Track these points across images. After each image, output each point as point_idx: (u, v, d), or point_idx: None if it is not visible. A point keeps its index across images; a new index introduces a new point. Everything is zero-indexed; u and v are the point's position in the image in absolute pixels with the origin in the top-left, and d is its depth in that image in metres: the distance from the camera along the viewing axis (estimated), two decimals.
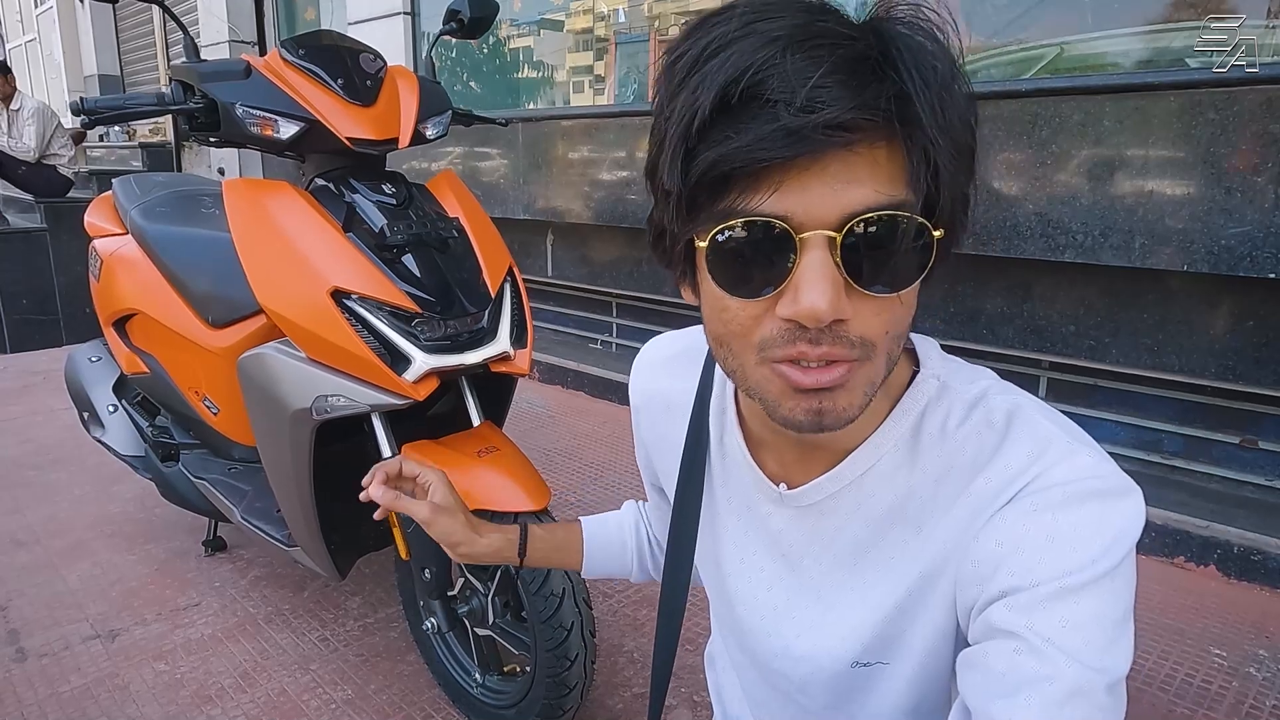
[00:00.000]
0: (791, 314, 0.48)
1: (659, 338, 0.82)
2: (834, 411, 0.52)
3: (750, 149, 0.46)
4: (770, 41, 0.46)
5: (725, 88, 0.46)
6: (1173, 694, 1.61)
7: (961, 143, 0.49)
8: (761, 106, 0.45)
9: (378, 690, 1.65)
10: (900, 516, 0.61)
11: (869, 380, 0.52)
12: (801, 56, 0.45)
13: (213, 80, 1.37)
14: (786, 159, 0.46)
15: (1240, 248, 1.90)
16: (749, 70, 0.45)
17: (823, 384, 0.50)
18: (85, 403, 2.22)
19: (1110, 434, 2.40)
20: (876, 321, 0.50)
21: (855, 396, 0.52)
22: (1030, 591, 0.51)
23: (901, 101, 0.46)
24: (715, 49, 0.47)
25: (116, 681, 1.68)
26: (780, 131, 0.45)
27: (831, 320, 0.48)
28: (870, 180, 0.47)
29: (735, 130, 0.46)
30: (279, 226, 1.36)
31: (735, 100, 0.46)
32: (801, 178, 0.47)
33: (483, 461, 1.37)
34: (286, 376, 1.39)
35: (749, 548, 0.71)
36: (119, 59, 8.65)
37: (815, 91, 0.44)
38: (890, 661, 0.65)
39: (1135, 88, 2.02)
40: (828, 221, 0.47)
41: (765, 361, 0.52)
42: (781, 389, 0.52)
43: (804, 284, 0.48)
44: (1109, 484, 0.54)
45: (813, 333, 0.49)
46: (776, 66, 0.45)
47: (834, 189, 0.47)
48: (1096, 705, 0.50)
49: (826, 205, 0.47)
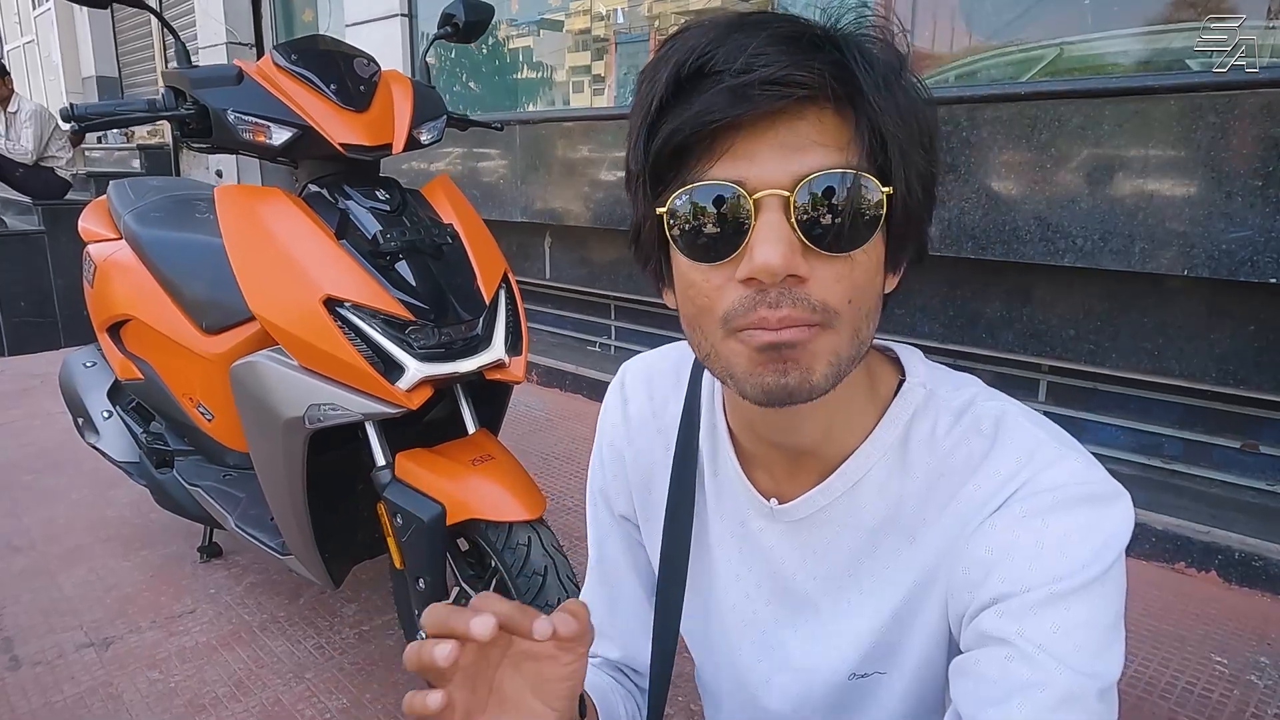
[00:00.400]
0: (748, 272, 0.50)
1: (636, 360, 0.80)
2: (801, 383, 0.52)
3: (698, 115, 0.49)
4: (716, 27, 0.50)
5: (675, 69, 0.50)
6: (1173, 702, 1.60)
7: (911, 121, 0.51)
8: (709, 77, 0.49)
9: (373, 699, 1.64)
10: (893, 526, 0.62)
11: (833, 350, 0.52)
12: (744, 34, 0.49)
13: (204, 86, 1.36)
14: (733, 117, 0.48)
15: (1241, 252, 1.89)
16: (696, 49, 0.49)
17: (784, 339, 0.50)
18: (80, 408, 2.21)
19: (1110, 438, 2.39)
20: (837, 287, 0.51)
21: (819, 362, 0.52)
22: (1021, 598, 0.52)
23: (841, 68, 0.49)
24: (671, 50, 0.51)
25: (110, 691, 1.67)
26: (724, 92, 0.48)
27: (786, 276, 0.49)
28: (819, 143, 0.50)
29: (689, 103, 0.50)
30: (271, 234, 1.35)
31: (685, 77, 0.50)
32: (753, 143, 0.49)
33: (477, 470, 1.37)
34: (279, 385, 1.38)
35: (742, 565, 0.70)
36: (117, 61, 8.64)
37: (754, 57, 0.47)
38: (887, 671, 0.64)
39: (1135, 91, 2.01)
40: (780, 183, 0.49)
41: (731, 333, 0.52)
42: (748, 357, 0.52)
43: (757, 242, 0.49)
44: (1098, 489, 0.54)
45: (772, 295, 0.50)
46: (722, 43, 0.49)
47: (784, 154, 0.49)
48: (1089, 711, 0.50)
49: (779, 168, 0.49)
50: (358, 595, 2.01)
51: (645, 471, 0.76)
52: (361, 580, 2.06)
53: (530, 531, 1.33)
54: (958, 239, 2.33)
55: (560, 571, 1.32)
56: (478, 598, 0.49)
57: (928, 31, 2.65)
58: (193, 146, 1.45)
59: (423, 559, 1.37)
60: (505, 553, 1.32)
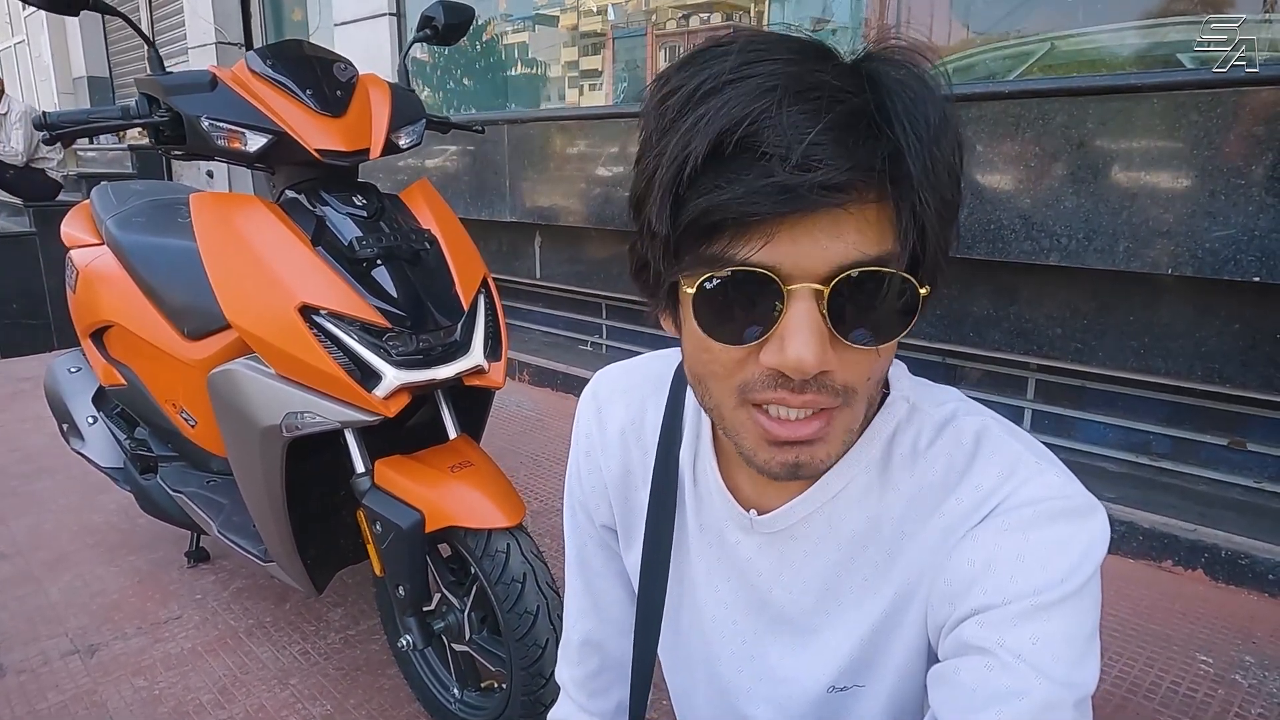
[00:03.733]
0: (777, 364, 0.49)
1: (609, 369, 0.79)
2: (811, 464, 0.53)
3: (742, 202, 0.45)
4: (766, 91, 0.45)
5: (719, 136, 0.45)
6: (1158, 702, 1.60)
7: (948, 198, 0.49)
8: (755, 159, 0.45)
9: (357, 705, 1.64)
10: (872, 538, 0.62)
11: (847, 428, 0.53)
12: (797, 110, 0.44)
13: (178, 93, 1.35)
14: (779, 215, 0.46)
15: (1225, 251, 1.89)
16: (744, 121, 0.44)
17: (801, 437, 0.51)
18: (65, 414, 2.20)
19: (1099, 435, 2.39)
20: (858, 370, 0.51)
21: (833, 446, 0.53)
22: (1002, 609, 0.52)
23: (893, 160, 0.46)
24: (708, 91, 0.46)
25: (94, 698, 1.66)
26: (774, 188, 0.44)
27: (816, 372, 0.49)
28: (858, 236, 0.47)
29: (727, 180, 0.45)
30: (246, 241, 1.34)
31: (728, 150, 0.45)
32: (792, 232, 0.47)
33: (456, 477, 1.36)
34: (256, 393, 1.37)
35: (720, 577, 0.70)
36: (108, 61, 8.61)
37: (811, 149, 0.44)
38: (866, 684, 0.64)
39: (1119, 89, 2.00)
40: (816, 274, 0.47)
41: (744, 404, 0.52)
42: (758, 437, 0.53)
43: (790, 335, 0.48)
44: (1076, 503, 0.55)
45: (796, 383, 0.50)
46: (772, 119, 0.44)
47: (823, 243, 0.47)
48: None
49: (815, 259, 0.47)
50: (343, 600, 2.01)
51: (623, 481, 0.76)
52: (348, 585, 2.06)
53: (509, 538, 1.33)
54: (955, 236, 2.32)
55: (539, 578, 1.32)
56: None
57: (919, 26, 2.64)
58: (169, 153, 1.44)
59: (402, 566, 1.36)
60: (484, 560, 1.32)
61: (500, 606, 1.31)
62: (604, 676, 0.84)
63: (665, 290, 0.55)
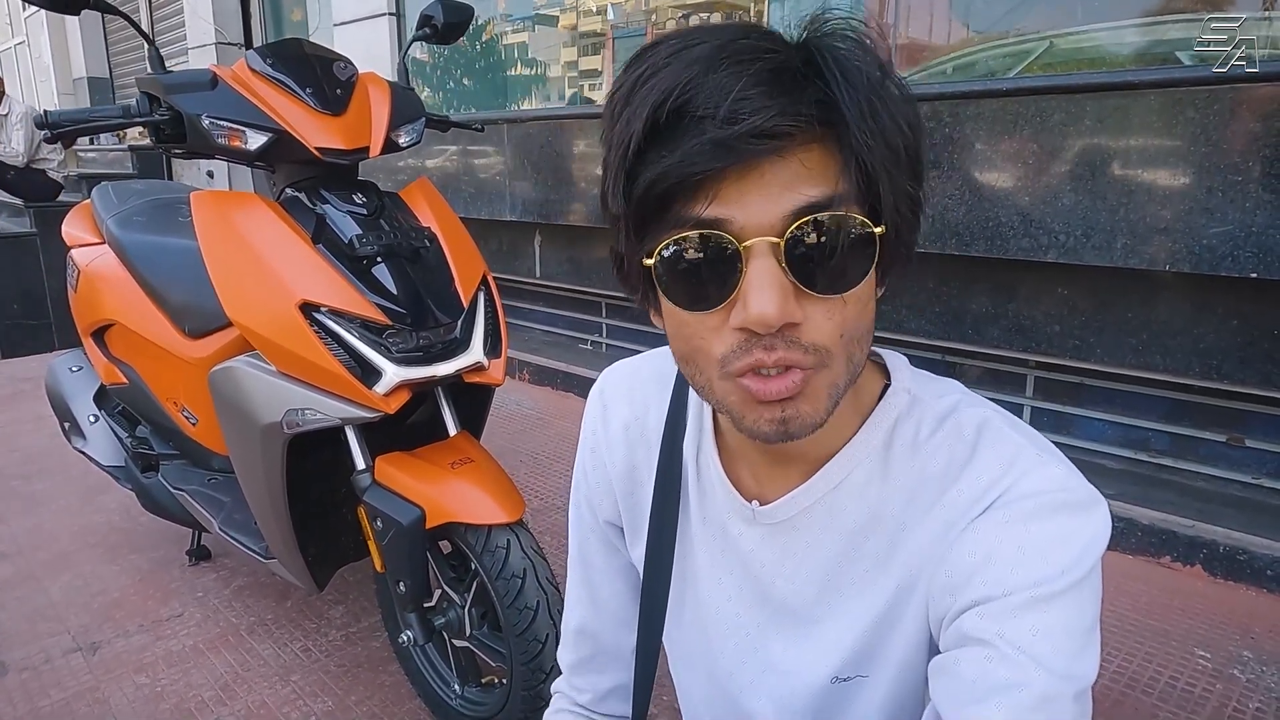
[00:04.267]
0: (742, 322, 0.49)
1: (616, 367, 0.80)
2: (798, 419, 0.53)
3: (682, 164, 0.47)
4: (693, 62, 0.47)
5: (654, 110, 0.47)
6: (1156, 697, 1.61)
7: (896, 142, 0.50)
8: (689, 123, 0.47)
9: (358, 702, 1.64)
10: (873, 529, 0.62)
11: (830, 384, 0.53)
12: (724, 72, 0.46)
13: (178, 92, 1.36)
14: (718, 170, 0.47)
15: (1222, 247, 1.89)
16: (674, 90, 0.47)
17: (783, 393, 0.51)
18: (66, 413, 2.21)
19: (1098, 432, 2.40)
20: (829, 325, 0.51)
21: (818, 403, 0.53)
22: (1002, 601, 0.53)
23: (825, 106, 0.47)
24: (646, 77, 0.49)
25: (96, 695, 1.67)
26: (708, 144, 0.46)
27: (782, 325, 0.49)
28: (806, 184, 0.48)
29: (668, 149, 0.48)
30: (247, 239, 1.35)
31: (664, 120, 0.47)
32: (738, 186, 0.48)
33: (456, 473, 1.37)
34: (257, 390, 1.38)
35: (723, 569, 0.71)
36: (108, 62, 8.61)
37: (738, 103, 0.46)
38: (869, 675, 0.65)
39: (1116, 86, 2.01)
40: (769, 228, 0.48)
41: (727, 376, 0.53)
42: (744, 400, 0.53)
43: (751, 291, 0.48)
44: (1077, 496, 0.55)
45: (766, 339, 0.50)
46: (700, 84, 0.46)
47: (771, 195, 0.48)
48: (1065, 712, 0.51)
49: (766, 212, 0.48)
50: (345, 597, 2.02)
51: (629, 477, 0.77)
52: (349, 582, 2.06)
53: (509, 534, 1.33)
54: (941, 235, 2.33)
55: (539, 574, 1.32)
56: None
57: (919, 24, 2.65)
58: (169, 152, 1.44)
59: (403, 562, 1.37)
60: (484, 555, 1.32)
61: (500, 602, 1.32)
62: (597, 661, 0.85)
63: (640, 278, 0.56)
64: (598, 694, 0.86)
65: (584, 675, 0.86)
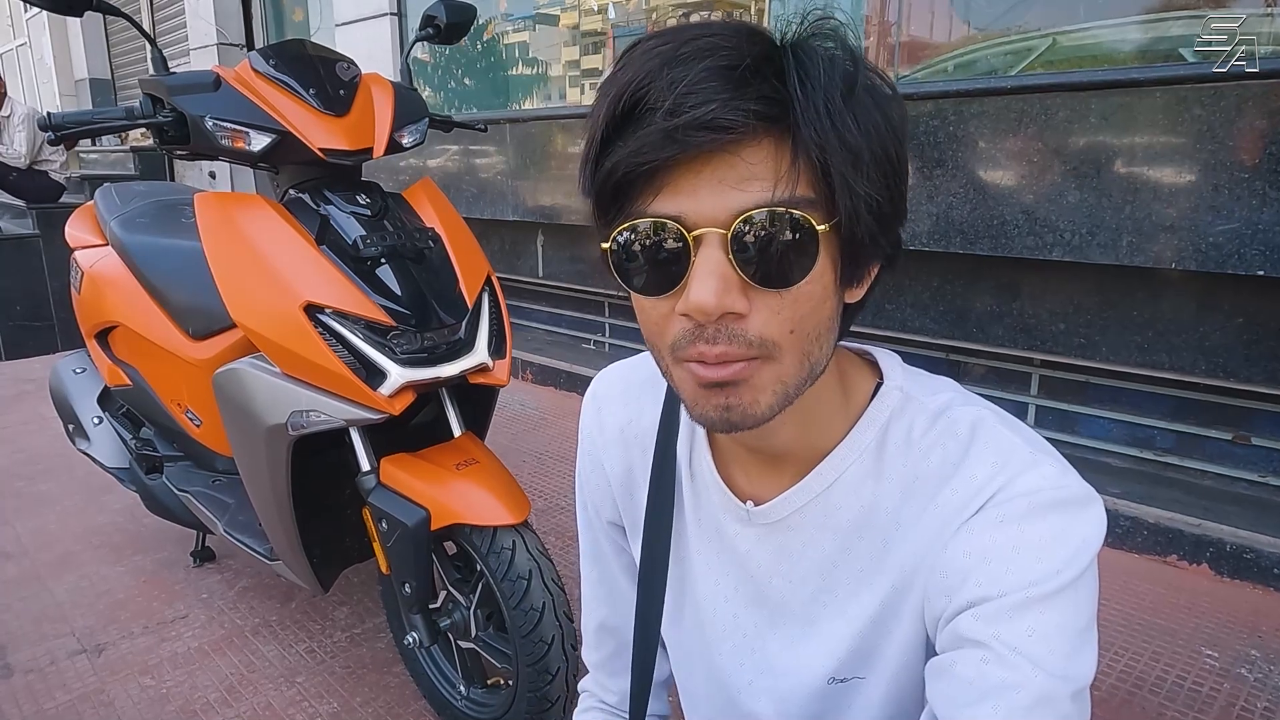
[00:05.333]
0: (683, 309, 0.50)
1: (609, 370, 0.80)
2: (740, 407, 0.53)
3: (634, 154, 0.49)
4: (654, 58, 0.49)
5: (613, 103, 0.50)
6: (1163, 697, 1.60)
7: (857, 144, 0.49)
8: (643, 114, 0.49)
9: (363, 703, 1.64)
10: (868, 528, 0.62)
11: (777, 379, 0.53)
12: (679, 67, 0.48)
13: (181, 93, 1.35)
14: (667, 159, 0.48)
15: (1228, 245, 1.89)
16: (631, 83, 0.49)
17: (723, 377, 0.52)
18: (70, 414, 2.21)
19: (1103, 431, 2.39)
20: (777, 320, 0.51)
21: (762, 394, 0.53)
22: (997, 601, 0.53)
23: (773, 102, 0.48)
24: (618, 73, 0.51)
25: (102, 698, 1.67)
26: (657, 133, 0.48)
27: (722, 314, 0.50)
28: (754, 179, 0.49)
29: (625, 139, 0.50)
30: (251, 241, 1.35)
31: (621, 112, 0.49)
32: (691, 179, 0.49)
33: (461, 474, 1.36)
34: (261, 392, 1.38)
35: (719, 570, 0.71)
36: (110, 63, 8.62)
37: (685, 95, 0.47)
38: (866, 676, 0.65)
39: (1120, 84, 2.00)
40: (717, 220, 0.49)
41: (678, 362, 0.54)
42: (693, 387, 0.54)
43: (694, 279, 0.50)
44: (1071, 494, 0.55)
45: (709, 331, 0.50)
46: (656, 77, 0.48)
47: (720, 190, 0.49)
48: (1062, 713, 0.51)
49: (716, 203, 0.49)
50: (349, 599, 2.01)
51: (625, 479, 0.77)
52: (353, 584, 2.06)
53: (515, 535, 1.33)
54: (946, 234, 2.32)
55: (545, 575, 1.32)
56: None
57: (921, 22, 2.64)
58: (172, 154, 1.44)
59: (408, 563, 1.37)
60: (490, 557, 1.32)
61: (506, 603, 1.32)
62: (622, 658, 0.85)
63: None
64: (624, 694, 0.85)
65: (611, 675, 0.87)
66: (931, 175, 2.31)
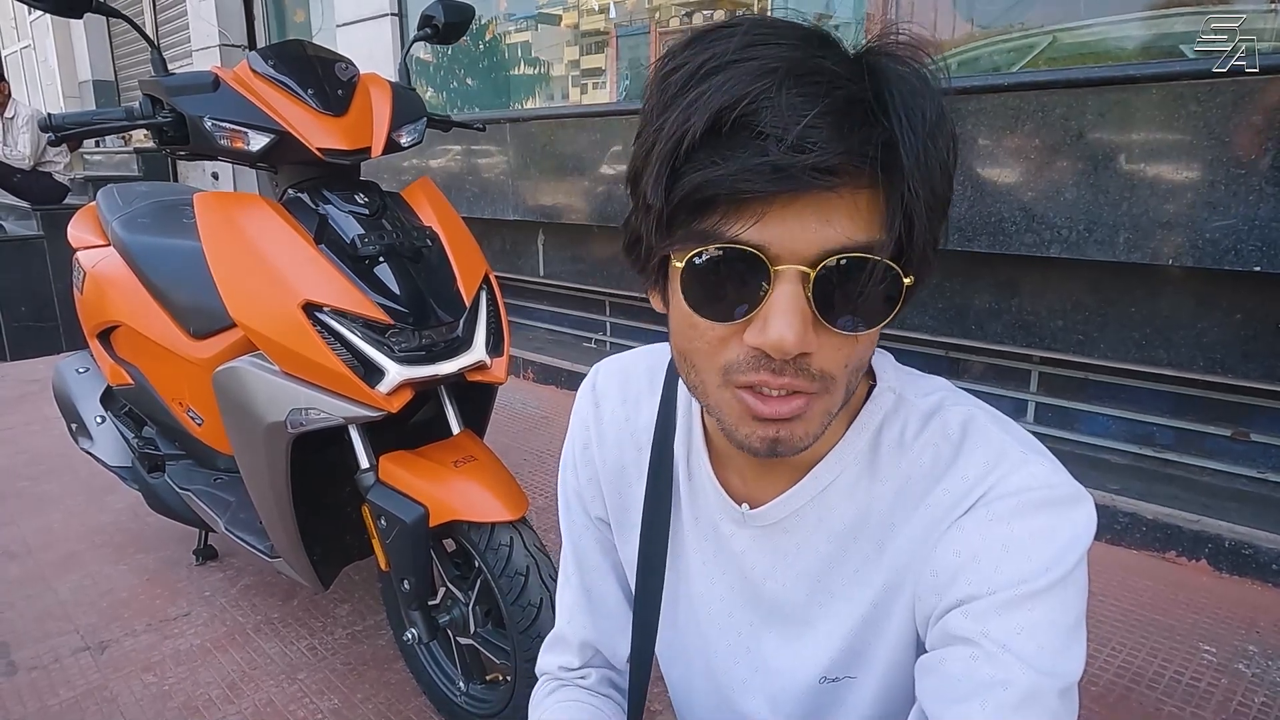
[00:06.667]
0: (759, 343, 0.49)
1: (608, 362, 0.79)
2: (790, 440, 0.53)
3: (736, 179, 0.46)
4: (767, 72, 0.46)
5: (718, 113, 0.46)
6: (1160, 692, 1.60)
7: (939, 191, 0.49)
8: (752, 138, 0.45)
9: (364, 699, 1.65)
10: (862, 530, 0.62)
11: (826, 410, 0.54)
12: (796, 93, 0.45)
13: (180, 94, 1.37)
14: (770, 194, 0.46)
15: (1225, 241, 1.89)
16: (743, 100, 0.45)
17: (781, 415, 0.52)
18: (73, 414, 2.22)
19: (1102, 428, 2.39)
20: (838, 356, 0.51)
21: (812, 426, 0.54)
22: (987, 599, 0.53)
23: (888, 149, 0.46)
24: (712, 69, 0.47)
25: (105, 694, 1.68)
26: (767, 166, 0.45)
27: (797, 354, 0.49)
28: (848, 221, 0.48)
29: (722, 157, 0.46)
30: (250, 240, 1.36)
31: (726, 127, 0.46)
32: (782, 212, 0.47)
33: (459, 472, 1.37)
34: (261, 390, 1.39)
35: (715, 569, 0.71)
36: (113, 65, 8.65)
37: (807, 131, 0.44)
38: (858, 675, 0.65)
39: (1117, 80, 2.00)
40: (803, 256, 0.48)
41: (728, 385, 0.53)
42: (740, 414, 0.53)
43: (774, 315, 0.48)
44: (1061, 493, 0.55)
45: (777, 364, 0.50)
46: (771, 100, 0.45)
47: (812, 226, 0.47)
48: (1049, 710, 0.51)
49: (804, 241, 0.48)
50: (350, 596, 2.02)
51: (617, 474, 0.76)
52: (354, 581, 2.07)
53: (512, 532, 1.34)
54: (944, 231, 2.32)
55: (542, 571, 1.33)
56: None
57: (922, 19, 2.64)
58: (173, 154, 1.45)
59: (407, 560, 1.37)
60: (488, 553, 1.33)
61: (504, 600, 1.33)
62: (596, 661, 0.83)
63: (656, 265, 0.55)
64: (601, 679, 0.84)
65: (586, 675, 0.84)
66: None
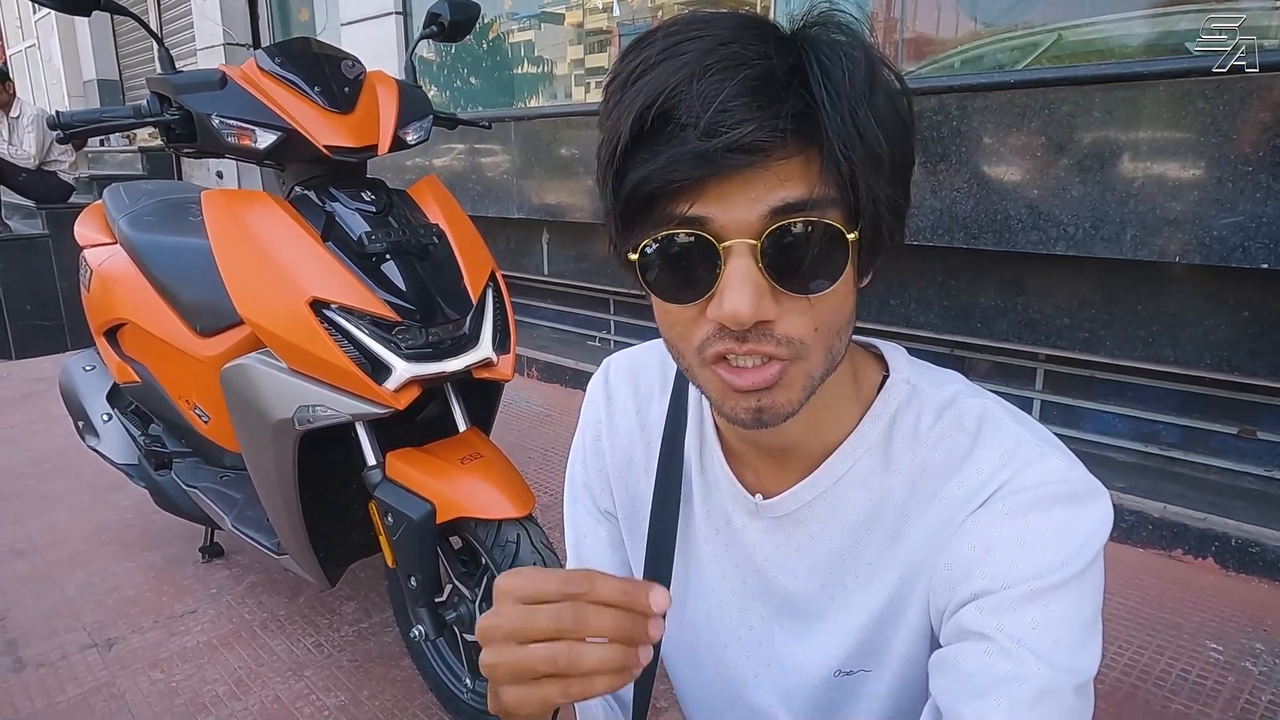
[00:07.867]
0: (717, 316, 0.51)
1: (620, 356, 0.79)
2: (772, 408, 0.54)
3: (665, 171, 0.48)
4: (681, 67, 0.48)
5: (640, 114, 0.48)
6: (1168, 689, 1.60)
7: (878, 149, 0.50)
8: (675, 130, 0.48)
9: (370, 696, 1.66)
10: (876, 522, 0.62)
11: (806, 375, 0.54)
12: (709, 80, 0.47)
13: (188, 91, 1.37)
14: (699, 178, 0.48)
15: (1232, 238, 1.88)
16: (660, 96, 0.48)
17: (758, 384, 0.53)
18: (80, 411, 2.22)
19: (1108, 425, 2.39)
20: (803, 320, 0.52)
21: (793, 392, 0.54)
22: (1001, 594, 0.52)
23: (806, 117, 0.48)
24: (639, 73, 0.50)
25: (112, 691, 1.69)
26: (689, 154, 0.47)
27: (755, 322, 0.50)
28: (785, 189, 0.49)
29: (653, 153, 0.49)
30: (257, 237, 1.36)
31: (649, 125, 0.48)
32: (720, 190, 0.49)
33: (466, 469, 1.37)
34: (268, 387, 1.39)
35: (727, 562, 0.71)
36: (118, 64, 8.66)
37: (719, 116, 0.46)
38: (872, 669, 0.65)
39: (1123, 78, 2.00)
40: (748, 228, 0.50)
41: (705, 363, 0.54)
42: (722, 389, 0.55)
43: (727, 289, 0.50)
44: (1078, 487, 0.55)
45: (739, 332, 0.51)
46: (685, 92, 0.47)
47: (750, 198, 0.49)
48: (1064, 706, 0.50)
49: (745, 213, 0.49)
50: (356, 593, 2.03)
51: (627, 466, 0.76)
52: (360, 578, 2.08)
53: (519, 529, 1.34)
54: (950, 229, 2.32)
55: (550, 568, 1.33)
56: (582, 573, 0.46)
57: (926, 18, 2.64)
58: (180, 152, 1.45)
59: (414, 557, 1.38)
60: (494, 550, 1.33)
61: None
62: None
63: (628, 268, 0.57)
64: None
65: None
66: (935, 170, 2.31)
